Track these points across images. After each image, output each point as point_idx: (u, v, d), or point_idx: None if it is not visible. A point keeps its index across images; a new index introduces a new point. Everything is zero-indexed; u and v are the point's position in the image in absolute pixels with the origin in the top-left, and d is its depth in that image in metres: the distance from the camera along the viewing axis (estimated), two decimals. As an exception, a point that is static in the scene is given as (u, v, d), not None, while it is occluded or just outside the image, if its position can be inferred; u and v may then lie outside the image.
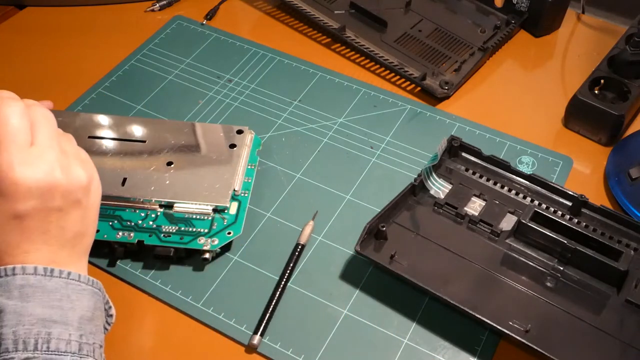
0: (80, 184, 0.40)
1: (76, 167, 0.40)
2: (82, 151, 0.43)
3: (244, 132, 0.58)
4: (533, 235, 0.51)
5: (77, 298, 0.39)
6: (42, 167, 0.38)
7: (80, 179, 0.40)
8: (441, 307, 0.49)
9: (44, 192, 0.38)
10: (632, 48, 0.60)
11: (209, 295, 0.50)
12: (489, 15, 0.72)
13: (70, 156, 0.41)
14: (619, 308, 0.48)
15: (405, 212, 0.53)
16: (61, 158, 0.40)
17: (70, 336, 0.37)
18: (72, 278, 0.39)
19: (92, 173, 0.42)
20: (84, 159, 0.42)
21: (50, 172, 0.38)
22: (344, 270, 0.52)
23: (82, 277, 0.40)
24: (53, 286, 0.38)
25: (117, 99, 0.65)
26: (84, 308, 0.39)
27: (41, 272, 0.38)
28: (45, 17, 0.76)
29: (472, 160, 0.57)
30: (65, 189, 0.39)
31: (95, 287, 0.41)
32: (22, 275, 0.37)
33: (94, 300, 0.40)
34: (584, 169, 0.59)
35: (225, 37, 0.72)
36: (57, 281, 0.38)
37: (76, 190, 0.40)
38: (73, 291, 0.39)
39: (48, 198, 0.38)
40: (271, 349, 0.47)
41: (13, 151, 0.37)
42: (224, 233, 0.52)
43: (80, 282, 0.40)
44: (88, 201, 0.41)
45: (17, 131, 0.38)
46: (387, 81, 0.67)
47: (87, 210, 0.41)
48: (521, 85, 0.67)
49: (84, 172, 0.41)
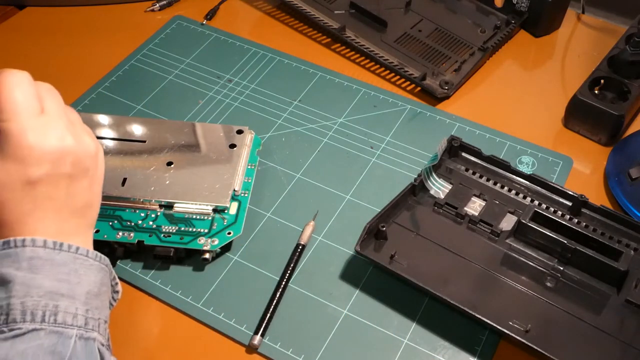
0: (89, 153, 0.41)
1: (85, 136, 0.41)
2: (85, 125, 0.44)
3: (244, 132, 0.58)
4: (533, 235, 0.51)
5: (84, 273, 0.39)
6: (54, 134, 0.39)
7: (90, 148, 0.41)
8: (441, 307, 0.49)
9: (56, 157, 0.39)
10: (632, 48, 0.60)
11: (209, 295, 0.50)
12: (489, 15, 0.72)
13: (78, 126, 0.41)
14: (619, 308, 0.48)
15: (405, 212, 0.53)
16: (70, 127, 0.40)
17: (77, 310, 0.38)
18: (80, 253, 0.39)
19: (98, 144, 0.43)
20: (88, 131, 0.43)
21: (62, 139, 0.39)
22: (344, 270, 0.52)
23: (90, 252, 0.40)
24: (61, 260, 0.38)
25: (117, 99, 0.65)
26: (91, 283, 0.39)
27: (50, 246, 0.38)
28: (45, 17, 0.76)
29: (472, 160, 0.57)
30: (76, 156, 0.40)
31: (103, 262, 0.41)
32: (31, 248, 0.38)
33: (100, 275, 0.40)
34: (584, 169, 0.59)
35: (225, 37, 0.72)
36: (65, 255, 0.39)
37: (85, 158, 0.41)
38: (81, 266, 0.39)
39: (60, 164, 0.39)
40: (271, 349, 0.47)
41: (24, 118, 0.38)
42: (224, 233, 0.52)
43: (88, 257, 0.40)
44: (95, 171, 0.42)
45: (26, 99, 0.38)
46: (387, 81, 0.67)
47: (94, 180, 0.42)
48: (521, 85, 0.67)
49: (92, 141, 0.42)
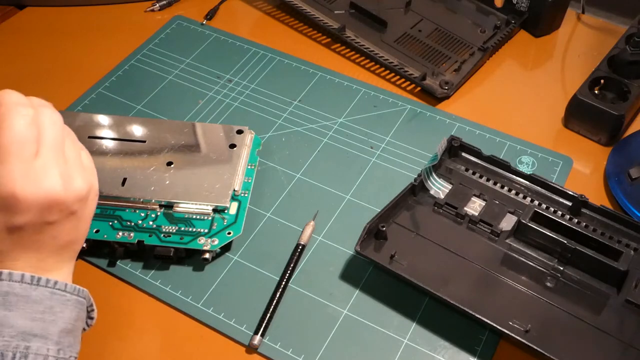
0: (79, 197, 0.39)
1: (77, 178, 0.40)
2: (84, 153, 0.42)
3: (244, 132, 0.58)
4: (533, 235, 0.51)
5: (60, 310, 0.38)
6: (44, 184, 0.37)
7: (80, 191, 0.39)
8: (441, 307, 0.49)
9: (42, 207, 0.37)
10: (632, 48, 0.60)
11: (209, 295, 0.50)
12: (489, 15, 0.72)
13: (72, 165, 0.40)
14: (619, 308, 0.48)
15: (405, 212, 0.53)
16: (63, 170, 0.39)
17: (48, 351, 0.37)
18: (58, 288, 0.39)
19: (92, 180, 0.41)
20: (85, 165, 0.41)
21: (52, 188, 0.38)
22: (344, 270, 0.52)
23: (68, 286, 0.39)
24: (38, 296, 0.38)
25: (117, 99, 0.65)
26: (66, 320, 0.39)
27: (27, 281, 0.37)
28: (45, 17, 0.76)
29: (472, 160, 0.57)
30: (64, 204, 0.38)
31: (81, 295, 0.40)
32: (7, 282, 0.37)
33: (77, 310, 0.40)
34: (584, 169, 0.59)
35: (225, 37, 0.72)
36: (42, 291, 0.38)
37: (73, 202, 0.39)
38: (57, 302, 0.38)
39: (46, 213, 0.38)
40: (271, 349, 0.47)
41: (17, 164, 0.37)
42: (224, 233, 0.52)
43: (66, 292, 0.39)
44: (83, 211, 0.41)
45: (23, 142, 0.37)
46: (387, 81, 0.67)
47: (81, 220, 0.41)
48: (521, 85, 0.67)
49: (84, 182, 0.40)
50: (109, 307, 0.50)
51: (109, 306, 0.50)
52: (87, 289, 0.41)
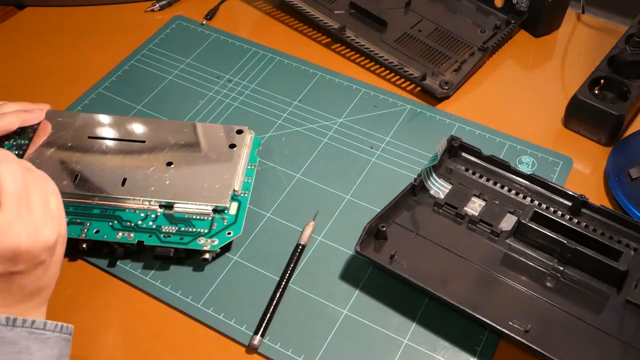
0: (46, 247, 0.38)
1: (44, 228, 0.38)
2: (53, 198, 0.41)
3: (244, 132, 0.58)
4: (533, 235, 0.51)
5: (38, 349, 0.37)
6: (8, 238, 0.36)
7: (47, 241, 0.38)
8: (441, 307, 0.49)
9: (8, 259, 0.36)
10: (632, 48, 0.60)
11: (209, 295, 0.50)
12: (489, 15, 0.72)
13: (39, 215, 0.39)
14: (619, 308, 0.48)
15: (405, 212, 0.53)
16: (29, 222, 0.37)
17: None
18: (36, 327, 0.38)
19: (60, 227, 0.40)
20: (53, 211, 0.40)
21: (17, 242, 0.36)
22: (344, 270, 0.52)
23: (47, 324, 0.38)
24: (13, 337, 0.37)
25: (117, 99, 0.65)
26: (46, 358, 0.38)
27: (2, 322, 0.37)
28: (45, 17, 0.76)
29: (472, 160, 0.57)
30: (30, 254, 0.37)
31: (64, 332, 0.39)
32: None
33: (58, 348, 0.39)
34: (584, 169, 0.59)
35: (225, 37, 0.72)
36: (18, 331, 0.37)
37: (40, 252, 0.38)
38: (35, 341, 0.37)
39: (12, 264, 0.37)
40: (271, 349, 0.47)
41: None
42: (224, 233, 0.52)
43: (45, 331, 0.38)
44: (52, 259, 0.40)
45: None
46: (387, 81, 0.67)
47: (49, 267, 0.40)
48: (521, 85, 0.67)
49: (52, 231, 0.39)
50: (109, 307, 0.50)
51: (109, 306, 0.50)
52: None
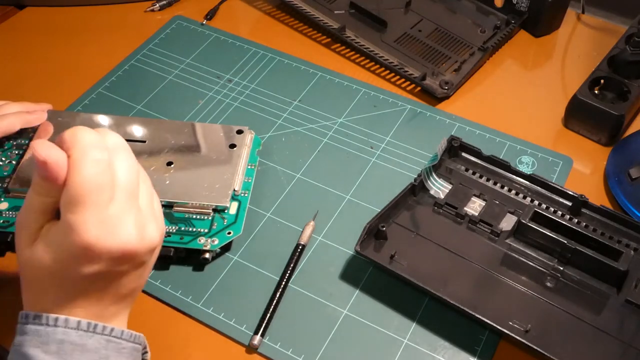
0: (151, 247, 0.37)
1: (150, 228, 0.37)
2: (156, 198, 0.40)
3: (244, 132, 0.58)
4: (533, 235, 0.51)
5: (115, 358, 0.37)
6: (119, 234, 0.35)
7: (153, 241, 0.37)
8: (441, 307, 0.49)
9: (115, 258, 0.35)
10: (632, 48, 0.60)
11: (209, 295, 0.50)
12: (489, 15, 0.72)
13: (146, 213, 0.37)
14: (619, 308, 0.48)
15: (405, 212, 0.53)
16: (138, 219, 0.36)
17: None
18: (114, 335, 0.37)
19: (163, 228, 0.39)
20: (156, 211, 0.39)
21: (127, 239, 0.35)
22: (344, 270, 0.52)
23: (124, 333, 0.38)
24: (93, 345, 0.36)
25: (117, 99, 0.65)
26: None
27: (84, 328, 0.36)
28: (45, 17, 0.76)
29: (472, 160, 0.57)
30: (137, 255, 0.36)
31: (137, 341, 0.39)
32: (63, 329, 0.35)
33: (131, 358, 0.38)
34: (584, 169, 0.59)
35: (225, 37, 0.72)
36: (98, 339, 0.36)
37: (146, 254, 0.37)
38: (112, 350, 0.37)
39: (117, 264, 0.36)
40: (271, 349, 0.47)
41: (92, 212, 0.34)
42: (224, 233, 0.52)
43: (122, 340, 0.37)
44: (151, 260, 0.39)
45: (98, 190, 0.34)
46: (387, 81, 0.67)
47: (146, 268, 0.39)
48: (521, 85, 0.67)
49: (157, 232, 0.38)
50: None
51: None
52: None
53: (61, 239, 0.34)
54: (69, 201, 0.34)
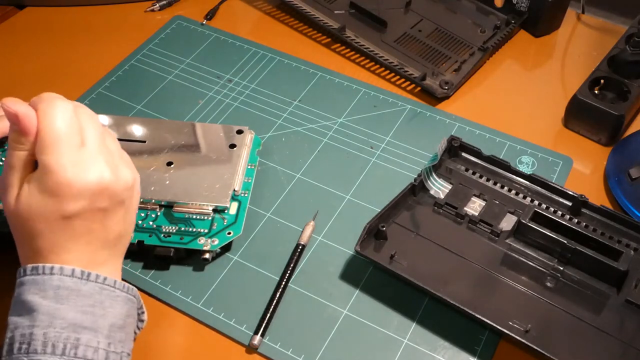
0: (126, 185, 0.40)
1: (123, 168, 0.41)
2: (123, 152, 0.43)
3: (244, 132, 0.58)
4: (533, 235, 0.51)
5: (110, 305, 0.39)
6: (93, 169, 0.38)
7: (127, 180, 0.40)
8: (441, 307, 0.49)
9: (94, 193, 0.38)
10: (632, 48, 0.60)
11: (209, 295, 0.50)
12: (489, 15, 0.72)
13: (116, 156, 0.41)
14: (619, 308, 0.48)
15: (405, 212, 0.53)
16: (109, 159, 0.40)
17: (98, 344, 0.38)
18: (107, 284, 0.39)
19: (135, 174, 0.42)
20: (126, 159, 0.42)
21: (101, 174, 0.38)
22: (344, 270, 0.52)
23: (117, 283, 0.40)
24: (88, 290, 0.38)
25: (117, 99, 0.65)
26: (116, 315, 0.39)
27: (78, 275, 0.38)
28: (45, 17, 0.76)
29: (472, 160, 0.57)
30: (113, 190, 0.39)
31: (130, 293, 0.41)
32: (59, 276, 0.38)
33: (126, 307, 0.40)
34: (584, 169, 0.59)
35: (225, 37, 0.72)
36: (92, 286, 0.38)
37: (122, 191, 0.40)
38: (107, 297, 0.39)
39: (97, 199, 0.39)
40: (271, 349, 0.47)
41: (65, 152, 0.37)
42: (224, 233, 0.52)
43: (115, 289, 0.40)
44: (131, 202, 0.42)
45: (68, 132, 0.38)
46: (387, 81, 0.67)
47: (128, 211, 0.41)
48: (521, 85, 0.67)
49: (130, 172, 0.41)
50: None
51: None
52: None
53: (41, 181, 0.37)
54: (43, 146, 0.37)
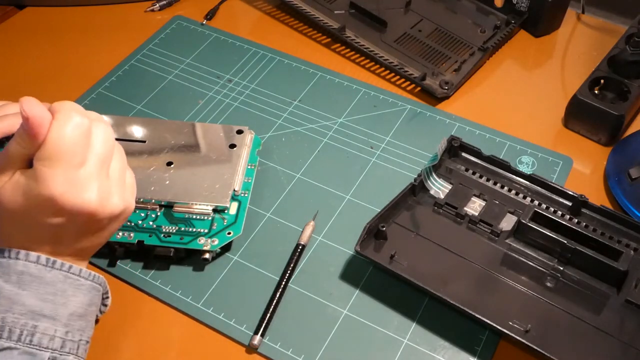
0: (112, 214, 0.40)
1: (115, 197, 0.40)
2: (129, 173, 0.43)
3: (244, 132, 0.58)
4: (533, 235, 0.51)
5: (72, 293, 0.39)
6: (83, 193, 0.38)
7: (114, 210, 0.40)
8: (441, 307, 0.49)
9: (74, 214, 0.38)
10: (632, 48, 0.60)
11: (209, 295, 0.50)
12: (489, 15, 0.72)
13: (114, 182, 0.40)
14: (619, 308, 0.48)
15: (405, 212, 0.53)
16: (103, 186, 0.39)
17: (55, 332, 0.38)
18: (72, 272, 0.40)
19: (130, 201, 0.42)
20: (127, 184, 0.42)
21: (88, 201, 0.38)
22: (344, 270, 0.52)
23: (82, 271, 0.40)
24: (51, 278, 0.39)
25: (117, 99, 0.65)
26: (77, 304, 0.40)
27: (43, 262, 0.39)
28: (45, 17, 0.76)
29: (472, 160, 0.57)
30: (96, 217, 0.39)
31: (96, 281, 0.41)
32: (24, 262, 0.38)
33: (90, 296, 0.41)
34: (584, 169, 0.59)
35: (225, 37, 0.72)
36: (56, 273, 0.39)
37: (104, 219, 0.40)
38: (70, 285, 0.39)
39: (76, 220, 0.39)
40: (271, 349, 0.47)
41: (63, 170, 0.37)
42: (224, 233, 0.52)
43: (80, 277, 0.40)
44: (111, 226, 0.42)
45: (73, 150, 0.38)
46: (387, 81, 0.67)
47: (105, 231, 0.42)
48: (521, 85, 0.67)
49: (120, 201, 0.41)
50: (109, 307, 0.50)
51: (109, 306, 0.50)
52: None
53: (30, 186, 0.37)
54: (45, 155, 0.37)
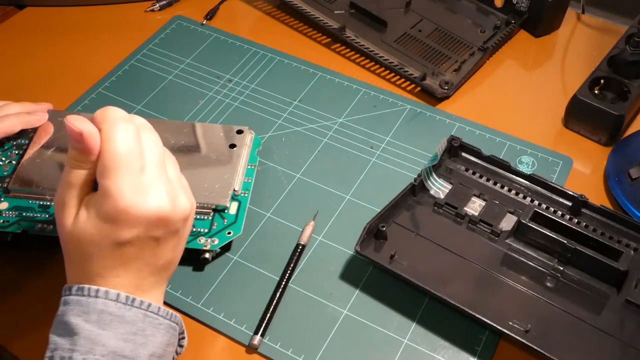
0: (183, 215, 0.39)
1: (181, 197, 0.39)
2: (182, 176, 0.42)
3: (244, 132, 0.58)
4: (533, 235, 0.51)
5: (151, 333, 0.38)
6: (152, 197, 0.37)
7: (185, 209, 0.39)
8: (441, 307, 0.49)
9: (150, 222, 0.37)
10: (632, 48, 0.60)
11: (209, 295, 0.50)
12: (489, 15, 0.72)
13: (176, 184, 0.40)
14: (619, 308, 0.48)
15: (405, 212, 0.53)
16: (169, 187, 0.38)
17: None
18: (151, 310, 0.38)
19: (192, 201, 0.41)
20: (185, 186, 0.41)
21: (159, 203, 0.37)
22: (344, 270, 0.52)
23: (161, 310, 0.39)
24: (131, 317, 0.37)
25: (117, 99, 0.65)
26: (157, 344, 0.38)
27: (122, 300, 0.37)
28: (45, 17, 0.76)
29: (472, 160, 0.57)
30: (169, 220, 0.38)
31: (174, 320, 0.40)
32: (104, 300, 0.37)
33: (168, 336, 0.39)
34: (584, 169, 0.59)
35: (225, 37, 0.72)
36: (136, 312, 0.38)
37: (178, 220, 0.39)
38: (149, 325, 0.38)
39: (152, 228, 0.38)
40: (271, 349, 0.47)
41: (125, 177, 0.36)
42: (224, 233, 0.52)
43: (158, 316, 0.39)
44: (184, 231, 0.41)
45: (130, 157, 0.37)
46: (387, 81, 0.67)
47: (180, 239, 0.41)
48: (521, 85, 0.67)
49: (188, 201, 0.40)
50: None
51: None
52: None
53: (100, 205, 0.37)
54: (104, 169, 0.36)
